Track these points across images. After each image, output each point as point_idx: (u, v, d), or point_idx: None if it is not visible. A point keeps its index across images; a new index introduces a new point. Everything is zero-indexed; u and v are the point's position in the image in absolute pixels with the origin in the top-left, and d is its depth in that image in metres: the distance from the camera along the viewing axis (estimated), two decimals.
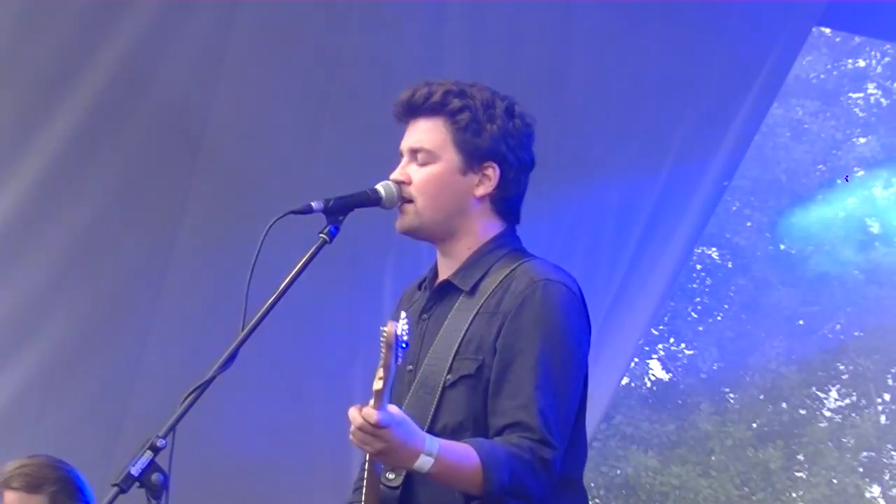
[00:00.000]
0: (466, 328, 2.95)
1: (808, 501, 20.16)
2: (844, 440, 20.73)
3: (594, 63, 6.02)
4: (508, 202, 3.11)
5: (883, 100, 22.41)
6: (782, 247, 21.41)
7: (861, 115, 22.41)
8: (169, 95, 5.48)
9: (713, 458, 20.16)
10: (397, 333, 2.68)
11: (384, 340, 2.68)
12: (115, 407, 5.64)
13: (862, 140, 21.89)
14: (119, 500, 2.74)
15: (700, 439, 20.24)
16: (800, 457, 20.85)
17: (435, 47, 5.75)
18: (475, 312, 2.96)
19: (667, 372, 21.58)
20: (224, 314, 3.11)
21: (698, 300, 21.79)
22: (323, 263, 2.95)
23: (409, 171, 3.05)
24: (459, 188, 3.05)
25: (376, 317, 5.78)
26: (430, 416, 2.91)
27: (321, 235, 2.96)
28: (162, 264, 5.67)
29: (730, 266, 21.71)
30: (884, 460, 20.94)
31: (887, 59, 22.19)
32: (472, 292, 2.99)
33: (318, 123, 5.73)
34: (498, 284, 2.97)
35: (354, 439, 2.73)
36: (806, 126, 21.39)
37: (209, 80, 5.53)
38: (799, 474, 20.87)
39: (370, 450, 2.74)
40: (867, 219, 21.75)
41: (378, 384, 2.70)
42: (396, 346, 2.69)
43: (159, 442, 2.72)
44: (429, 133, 3.05)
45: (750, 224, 21.24)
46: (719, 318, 21.65)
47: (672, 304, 20.48)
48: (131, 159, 5.50)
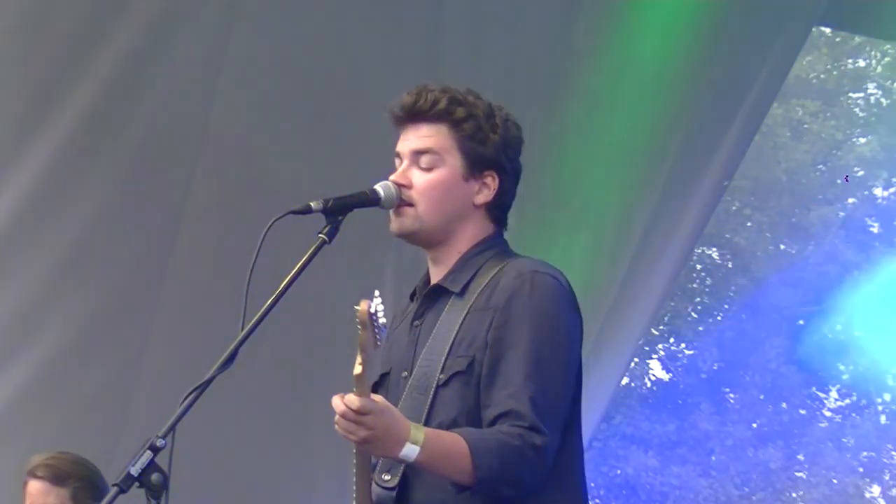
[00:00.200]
0: (458, 328, 2.96)
1: (808, 501, 20.16)
2: (844, 440, 20.73)
3: (594, 63, 6.02)
4: (501, 209, 3.13)
5: (883, 100, 22.41)
6: (782, 247, 21.42)
7: (861, 115, 22.41)
8: (169, 96, 5.48)
9: (713, 458, 20.16)
10: (371, 312, 2.65)
11: (358, 320, 2.65)
12: (115, 407, 5.64)
13: (862, 140, 21.90)
14: (119, 500, 2.74)
15: (700, 439, 20.24)
16: (800, 457, 20.84)
17: (435, 47, 5.75)
18: (466, 312, 2.97)
19: (667, 372, 21.58)
20: (224, 314, 3.10)
21: (698, 300, 21.79)
22: (322, 263, 2.95)
23: (412, 175, 3.05)
24: (461, 195, 3.06)
25: None
26: (424, 417, 2.90)
27: (320, 235, 2.95)
28: (162, 264, 5.67)
29: (730, 266, 21.72)
30: (884, 460, 20.94)
31: (887, 59, 22.18)
32: (462, 293, 3.00)
33: (319, 124, 5.73)
34: (487, 283, 2.98)
35: (339, 428, 2.73)
36: (806, 126, 21.39)
37: (209, 80, 5.53)
38: (799, 474, 20.87)
39: (354, 438, 2.73)
40: (867, 219, 21.76)
41: (357, 369, 2.69)
42: (373, 326, 2.65)
43: (159, 442, 2.72)
44: (434, 137, 3.05)
45: (750, 224, 21.24)
46: (719, 318, 21.65)
47: (672, 304, 20.48)
48: (132, 160, 5.50)
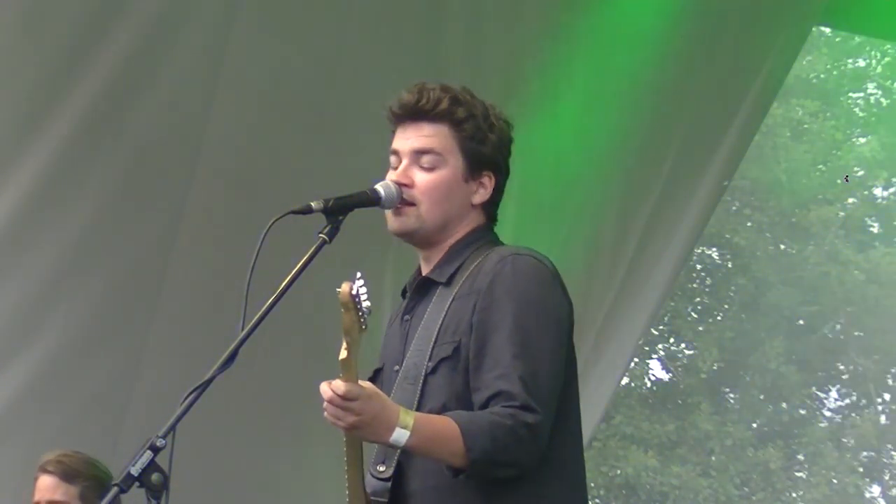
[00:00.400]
0: (444, 315, 2.96)
1: (808, 501, 20.17)
2: (844, 440, 20.74)
3: (594, 63, 6.02)
4: (494, 206, 3.13)
5: (883, 100, 22.43)
6: (782, 247, 21.42)
7: (861, 115, 22.43)
8: (169, 96, 5.48)
9: (713, 458, 20.17)
10: (353, 293, 2.63)
11: (341, 303, 2.63)
12: (115, 407, 5.64)
13: (862, 140, 21.91)
14: (119, 500, 2.75)
15: (700, 439, 20.25)
16: (800, 457, 20.86)
17: (435, 48, 5.76)
18: (451, 299, 2.97)
19: (667, 372, 21.58)
20: (224, 314, 3.10)
21: (698, 300, 21.80)
22: (323, 263, 2.95)
23: (413, 174, 3.05)
24: (460, 195, 3.06)
25: (375, 318, 5.81)
26: (415, 405, 2.90)
27: (321, 235, 2.95)
28: (162, 264, 5.67)
29: (730, 266, 21.72)
30: (884, 460, 20.95)
31: (887, 59, 22.19)
32: (449, 283, 3.01)
33: (319, 124, 5.73)
34: (471, 270, 2.98)
35: (327, 415, 2.73)
36: (806, 126, 21.40)
37: (209, 81, 5.53)
38: (799, 474, 20.88)
39: (342, 424, 2.73)
40: (867, 219, 21.77)
41: (343, 353, 2.67)
42: (356, 309, 2.64)
43: (159, 442, 2.71)
44: (436, 137, 3.04)
45: (750, 224, 21.25)
46: (719, 318, 21.66)
47: (672, 304, 20.49)
48: (132, 160, 5.50)
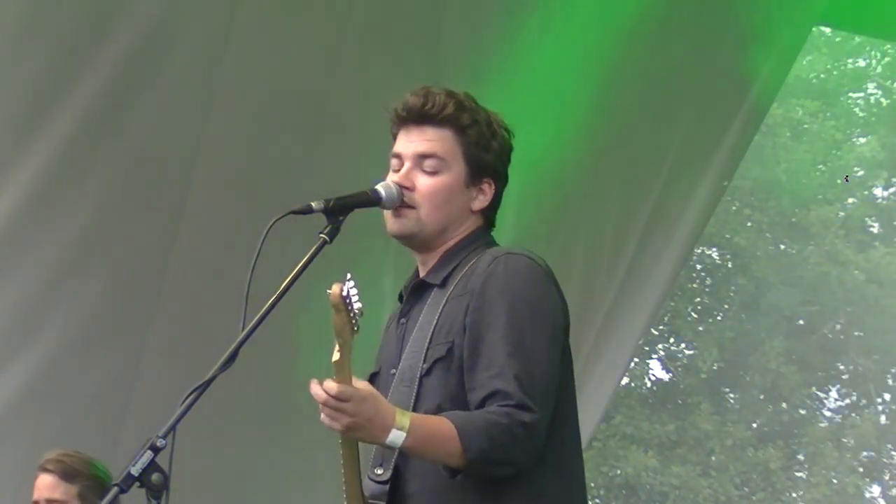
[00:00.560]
0: (438, 316, 2.96)
1: (808, 501, 20.17)
2: (844, 440, 20.75)
3: (594, 63, 6.02)
4: (493, 213, 3.14)
5: (883, 100, 22.43)
6: (782, 247, 21.42)
7: (861, 115, 22.43)
8: (169, 96, 5.48)
9: (713, 458, 20.17)
10: (343, 295, 2.62)
11: (331, 304, 2.62)
12: (115, 407, 5.64)
13: (862, 140, 21.91)
14: (119, 500, 2.75)
15: (700, 439, 20.25)
16: (800, 457, 20.86)
17: (435, 48, 5.76)
18: (445, 300, 2.97)
19: (667, 372, 21.58)
20: (224, 314, 3.10)
21: (698, 300, 21.80)
22: (323, 263, 2.95)
23: (415, 178, 3.05)
24: (461, 200, 3.06)
25: (376, 317, 5.81)
26: (411, 407, 2.89)
27: (321, 235, 2.95)
28: (162, 264, 5.67)
29: (730, 266, 21.72)
30: (884, 460, 20.95)
31: (887, 59, 22.20)
32: (444, 284, 3.01)
33: (319, 124, 5.73)
34: (465, 271, 2.99)
35: (322, 417, 2.73)
36: (806, 126, 21.40)
37: (210, 80, 5.54)
38: (799, 474, 20.88)
39: (338, 426, 2.72)
40: (867, 219, 21.78)
41: (335, 355, 2.67)
42: (347, 310, 2.63)
43: (159, 442, 2.71)
44: (440, 142, 3.04)
45: (750, 224, 21.25)
46: (719, 318, 21.66)
47: (672, 304, 20.49)
48: (132, 159, 5.50)
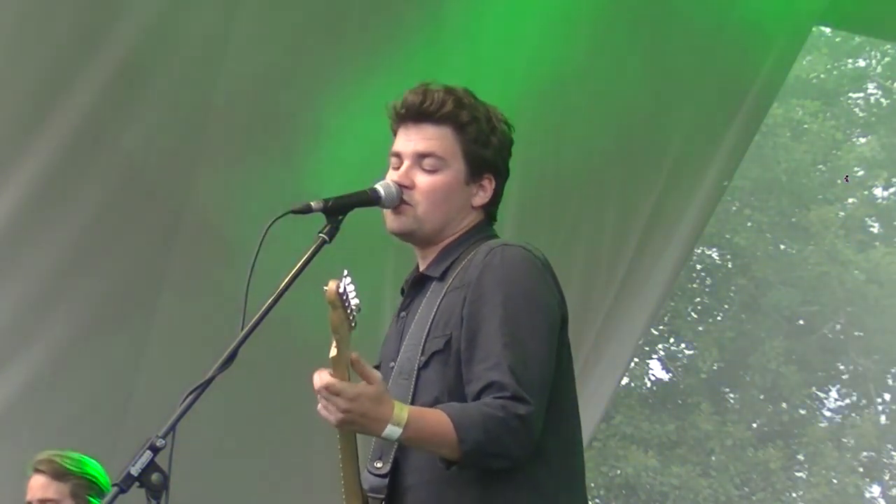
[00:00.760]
0: (436, 309, 2.97)
1: (808, 501, 20.18)
2: (844, 440, 20.75)
3: (594, 62, 6.02)
4: (494, 207, 3.15)
5: (883, 100, 22.44)
6: (782, 247, 21.43)
7: (861, 115, 22.44)
8: (170, 96, 5.48)
9: (713, 458, 20.17)
10: (340, 291, 2.63)
11: (328, 301, 2.62)
12: (115, 407, 5.65)
13: (862, 140, 21.92)
14: (119, 500, 2.74)
15: (700, 439, 20.25)
16: (800, 457, 20.87)
17: (435, 47, 5.75)
18: (443, 293, 2.98)
19: (667, 372, 21.59)
20: (224, 314, 3.11)
21: (698, 300, 21.81)
22: (322, 263, 2.95)
23: (414, 176, 3.05)
24: (461, 198, 3.07)
25: (375, 317, 5.81)
26: (409, 400, 2.90)
27: (321, 235, 2.95)
28: (162, 264, 5.67)
29: (730, 266, 21.73)
30: (884, 460, 20.96)
31: (887, 59, 22.21)
32: (443, 277, 3.02)
33: (319, 125, 5.73)
34: (464, 264, 3.00)
35: (318, 407, 2.75)
36: (806, 126, 21.41)
37: (210, 80, 5.54)
38: (799, 474, 20.89)
39: (331, 419, 2.74)
40: (867, 219, 21.78)
41: (332, 351, 2.68)
42: (344, 307, 2.63)
43: (159, 442, 2.71)
44: (439, 140, 3.05)
45: (750, 224, 21.26)
46: (719, 318, 21.67)
47: (672, 304, 20.50)
48: (132, 159, 5.50)
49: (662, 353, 21.63)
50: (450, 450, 2.79)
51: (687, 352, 21.55)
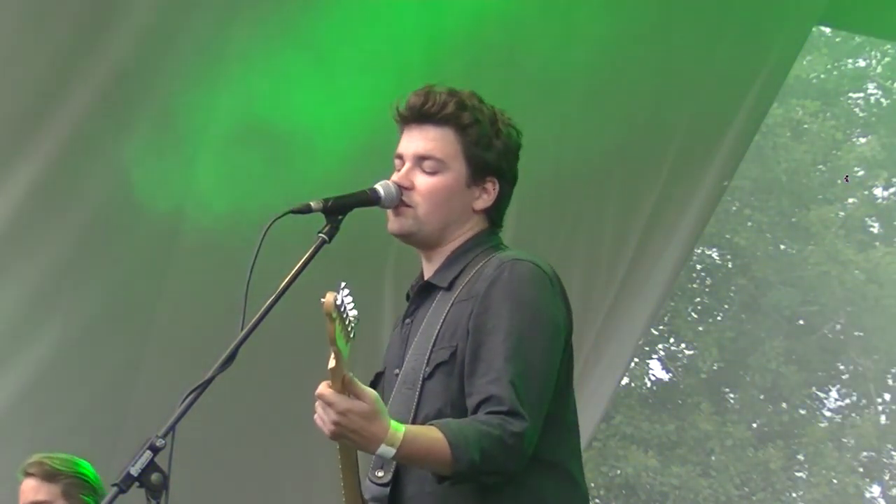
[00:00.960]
0: (443, 320, 2.96)
1: (808, 501, 20.18)
2: (844, 440, 20.76)
3: (594, 63, 6.01)
4: (498, 212, 3.14)
5: (883, 100, 22.45)
6: (782, 247, 21.43)
7: (861, 115, 22.45)
8: (170, 96, 5.48)
9: (713, 458, 20.17)
10: (337, 303, 2.62)
11: (325, 313, 2.62)
12: (116, 407, 5.64)
13: (862, 140, 21.92)
14: (119, 500, 2.74)
15: (700, 439, 20.25)
16: (800, 457, 20.87)
17: (434, 47, 5.75)
18: (451, 304, 2.97)
19: (667, 372, 21.59)
20: (224, 314, 3.10)
21: (698, 300, 21.81)
22: (322, 263, 2.94)
23: (415, 178, 3.04)
24: (462, 200, 3.06)
25: (376, 317, 5.81)
26: (413, 411, 2.91)
27: (320, 235, 2.95)
28: (162, 264, 5.67)
29: (730, 266, 21.74)
30: (884, 460, 20.97)
31: (887, 59, 22.22)
32: (450, 288, 3.01)
33: (318, 125, 5.73)
34: (472, 275, 2.99)
35: (315, 417, 2.75)
36: (806, 126, 21.41)
37: (210, 80, 5.53)
38: (799, 474, 20.89)
39: (325, 429, 2.73)
40: (867, 219, 21.79)
41: (331, 363, 2.67)
42: (342, 318, 2.63)
43: (159, 442, 2.71)
44: (440, 142, 3.04)
45: (750, 224, 21.26)
46: (719, 318, 21.68)
47: (672, 304, 20.50)
48: (132, 159, 5.50)
49: (662, 353, 21.64)
50: (444, 468, 2.78)
51: (687, 352, 21.56)
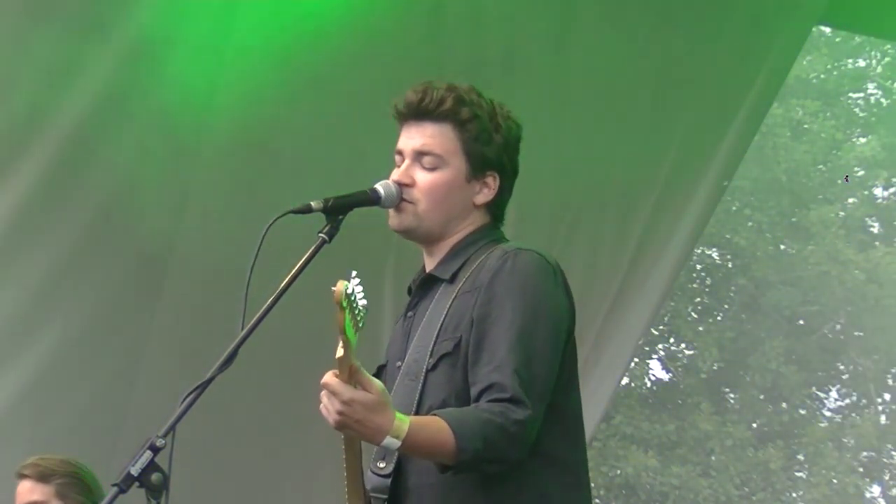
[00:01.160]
0: (446, 312, 2.97)
1: (808, 501, 20.19)
2: (844, 440, 20.77)
3: (594, 63, 6.02)
4: (499, 206, 3.14)
5: (883, 100, 22.46)
6: (782, 247, 21.44)
7: (861, 115, 22.46)
8: (170, 96, 5.48)
9: (713, 458, 20.18)
10: (347, 292, 2.61)
11: (335, 302, 2.61)
12: (116, 407, 5.64)
13: (862, 140, 21.93)
14: (119, 501, 2.74)
15: (700, 439, 20.26)
16: (800, 457, 20.88)
17: (435, 48, 5.75)
18: (454, 296, 2.98)
19: (667, 372, 21.60)
20: (224, 314, 3.10)
21: (698, 300, 21.82)
22: (323, 263, 2.94)
23: (414, 174, 3.05)
24: (462, 195, 3.06)
25: (376, 317, 5.80)
26: (416, 402, 2.91)
27: (321, 235, 2.95)
28: (162, 264, 5.67)
29: (730, 266, 21.74)
30: (884, 460, 20.97)
31: (887, 59, 22.23)
32: (453, 280, 3.02)
33: (319, 124, 5.73)
34: (475, 268, 2.99)
35: (321, 406, 2.75)
36: (806, 126, 21.41)
37: (210, 79, 5.53)
38: (799, 474, 20.90)
39: (329, 419, 2.73)
40: (867, 219, 21.79)
41: (339, 352, 2.67)
42: (352, 308, 2.63)
43: (159, 442, 2.71)
44: (439, 138, 3.05)
45: (750, 224, 21.26)
46: (719, 318, 21.68)
47: (672, 304, 20.50)
48: (132, 158, 5.50)
49: (662, 353, 21.65)
50: (448, 458, 2.78)
51: (687, 352, 21.56)
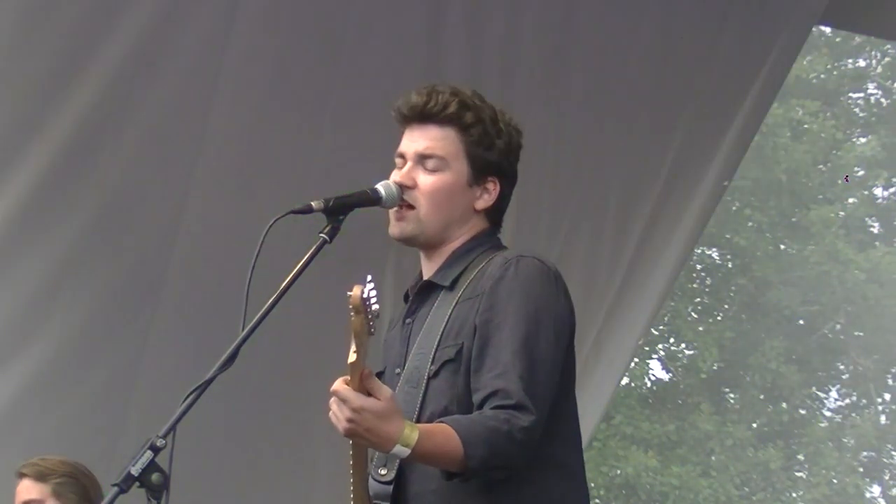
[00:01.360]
0: (447, 319, 2.97)
1: (808, 501, 20.18)
2: (844, 440, 20.77)
3: (594, 63, 6.02)
4: (499, 212, 3.15)
5: (883, 100, 22.46)
6: (782, 247, 21.44)
7: (861, 115, 22.46)
8: (170, 96, 5.48)
9: (713, 458, 20.18)
10: (364, 297, 2.62)
11: (351, 306, 2.62)
12: (115, 407, 5.64)
13: (862, 140, 21.93)
14: (119, 501, 2.74)
15: (700, 439, 20.26)
16: (800, 457, 20.87)
17: (435, 46, 5.75)
18: (455, 303, 2.98)
19: (667, 372, 21.60)
20: (224, 314, 3.10)
21: (698, 300, 21.82)
22: (323, 263, 2.95)
23: (416, 176, 3.05)
24: (463, 200, 3.06)
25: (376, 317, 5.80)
26: (417, 409, 2.91)
27: (321, 235, 2.95)
28: (162, 264, 5.67)
29: (730, 266, 21.74)
30: (884, 460, 20.97)
31: (887, 59, 22.23)
32: (452, 287, 3.02)
33: (319, 125, 5.73)
34: (475, 274, 3.00)
35: (330, 414, 2.75)
36: (806, 126, 21.41)
37: (210, 80, 5.53)
38: (799, 474, 20.90)
39: (339, 426, 2.73)
40: (867, 219, 21.80)
41: (351, 357, 2.67)
42: (366, 312, 2.63)
43: (159, 442, 2.72)
44: (442, 141, 3.05)
45: (750, 224, 21.26)
46: (719, 318, 21.68)
47: (672, 304, 20.50)
48: (132, 159, 5.50)
49: (662, 353, 21.64)
50: (455, 466, 2.79)
51: (687, 352, 21.56)
